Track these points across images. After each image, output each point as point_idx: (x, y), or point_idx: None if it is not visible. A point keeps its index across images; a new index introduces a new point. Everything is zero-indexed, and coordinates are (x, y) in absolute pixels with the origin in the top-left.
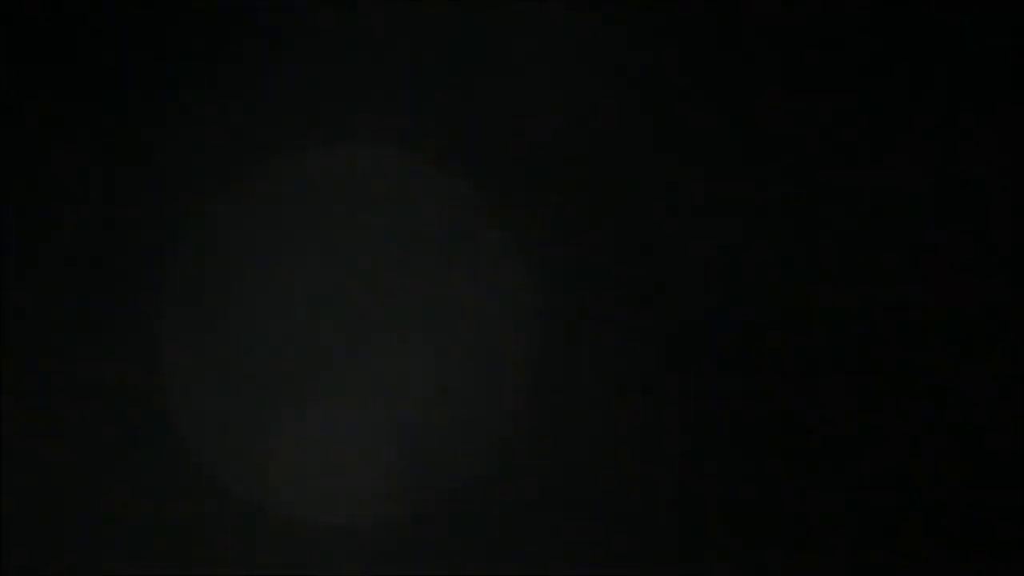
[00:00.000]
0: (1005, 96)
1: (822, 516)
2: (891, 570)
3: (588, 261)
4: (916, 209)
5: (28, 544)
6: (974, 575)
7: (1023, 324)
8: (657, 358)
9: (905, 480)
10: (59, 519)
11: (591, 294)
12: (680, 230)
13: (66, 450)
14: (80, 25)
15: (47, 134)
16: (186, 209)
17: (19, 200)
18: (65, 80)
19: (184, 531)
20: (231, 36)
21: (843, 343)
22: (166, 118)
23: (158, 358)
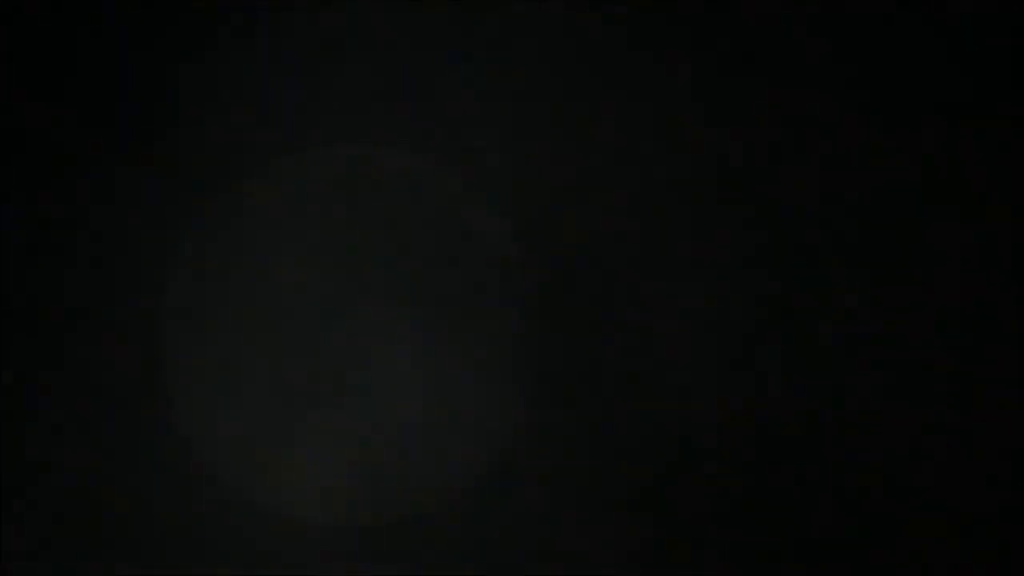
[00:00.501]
0: (1005, 96)
1: (822, 517)
2: (891, 570)
3: (588, 261)
4: (916, 209)
5: (28, 544)
6: (974, 575)
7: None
8: (657, 357)
9: (905, 480)
10: (59, 519)
11: (591, 294)
12: (681, 229)
13: (66, 450)
14: (80, 25)
15: (47, 134)
16: (186, 209)
17: (19, 200)
18: (65, 80)
19: (184, 531)
20: (231, 36)
21: (843, 343)
22: (166, 118)
23: (158, 358)
